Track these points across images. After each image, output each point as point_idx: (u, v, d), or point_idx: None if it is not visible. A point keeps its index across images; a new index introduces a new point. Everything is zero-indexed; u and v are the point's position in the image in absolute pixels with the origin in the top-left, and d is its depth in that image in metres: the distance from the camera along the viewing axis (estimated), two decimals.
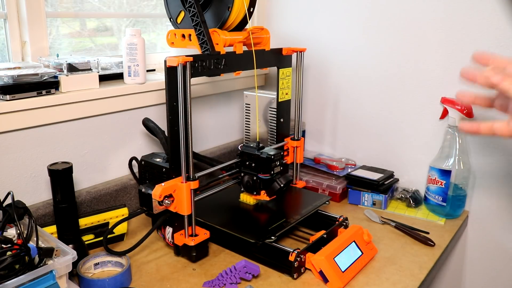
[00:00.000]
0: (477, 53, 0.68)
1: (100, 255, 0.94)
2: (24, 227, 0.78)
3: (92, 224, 1.00)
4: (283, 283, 0.90)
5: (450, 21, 1.18)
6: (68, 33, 1.20)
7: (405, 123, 1.32)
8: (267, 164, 1.01)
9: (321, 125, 1.51)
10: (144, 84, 1.17)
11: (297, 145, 1.24)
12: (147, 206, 0.94)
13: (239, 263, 0.89)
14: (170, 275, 0.93)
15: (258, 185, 1.05)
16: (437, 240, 1.07)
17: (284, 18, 1.51)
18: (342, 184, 1.30)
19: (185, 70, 0.88)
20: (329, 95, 1.46)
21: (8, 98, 0.91)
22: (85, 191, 1.08)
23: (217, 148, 1.45)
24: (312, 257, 0.91)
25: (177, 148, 0.93)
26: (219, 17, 1.02)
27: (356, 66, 1.38)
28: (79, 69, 1.03)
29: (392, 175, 1.31)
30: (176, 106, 0.91)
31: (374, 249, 1.02)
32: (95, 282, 0.86)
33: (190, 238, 0.95)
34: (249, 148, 1.05)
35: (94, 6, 1.23)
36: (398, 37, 1.28)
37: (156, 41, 1.42)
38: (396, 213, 1.23)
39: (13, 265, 0.70)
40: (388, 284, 0.91)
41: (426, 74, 1.25)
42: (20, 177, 0.99)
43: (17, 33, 1.04)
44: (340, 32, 1.39)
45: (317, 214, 1.10)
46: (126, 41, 1.12)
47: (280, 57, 1.17)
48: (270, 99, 1.24)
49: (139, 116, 1.18)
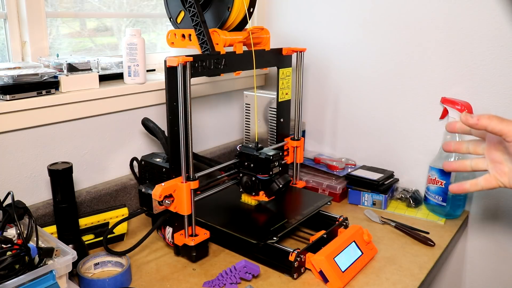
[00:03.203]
0: (448, 124, 0.73)
1: (100, 255, 0.94)
2: (24, 227, 0.78)
3: (92, 224, 1.00)
4: (283, 283, 0.90)
5: (450, 21, 1.18)
6: (68, 33, 1.20)
7: (405, 123, 1.32)
8: (266, 164, 1.01)
9: (321, 125, 1.51)
10: (144, 84, 1.17)
11: (297, 145, 1.24)
12: (147, 206, 0.94)
13: (239, 263, 0.89)
14: (170, 275, 0.93)
15: (257, 185, 1.05)
16: (437, 240, 1.07)
17: (284, 18, 1.51)
18: (342, 184, 1.30)
19: (185, 70, 0.88)
20: (329, 95, 1.46)
21: (8, 98, 0.91)
22: (85, 191, 1.08)
23: (217, 148, 1.45)
24: (312, 257, 0.91)
25: (177, 148, 0.93)
26: (219, 17, 1.02)
27: (356, 66, 1.38)
28: (79, 69, 1.03)
29: (392, 175, 1.31)
30: (176, 106, 0.91)
31: (374, 249, 1.02)
32: (95, 282, 0.86)
33: (190, 238, 0.95)
34: (248, 149, 1.05)
35: (94, 6, 1.23)
36: (398, 37, 1.28)
37: (156, 41, 1.42)
38: (396, 213, 1.23)
39: (13, 265, 0.70)
40: (388, 284, 0.91)
41: (426, 74, 1.25)
42: (20, 177, 0.99)
43: (17, 33, 1.04)
44: (340, 32, 1.39)
45: (317, 214, 1.09)
46: (126, 41, 1.12)
47: (280, 57, 1.17)
48: (270, 99, 1.24)
49: (139, 116, 1.18)
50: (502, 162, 0.70)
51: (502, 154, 0.70)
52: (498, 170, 0.70)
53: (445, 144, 0.77)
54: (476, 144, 0.74)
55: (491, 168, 0.71)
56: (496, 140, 0.70)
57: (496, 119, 0.64)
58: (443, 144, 0.77)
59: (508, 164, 0.69)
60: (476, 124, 0.66)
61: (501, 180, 0.70)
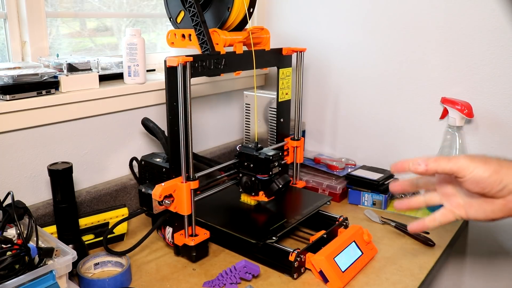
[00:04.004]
0: (393, 165, 0.69)
1: (100, 255, 0.94)
2: (24, 227, 0.78)
3: (92, 224, 1.00)
4: (283, 283, 0.90)
5: (450, 21, 1.18)
6: (68, 33, 1.20)
7: (405, 123, 1.32)
8: (266, 165, 1.01)
9: (321, 125, 1.51)
10: (144, 84, 1.17)
11: (297, 145, 1.24)
12: (147, 206, 0.94)
13: (239, 263, 0.89)
14: (170, 275, 0.93)
15: (256, 186, 1.04)
16: (437, 240, 1.07)
17: (284, 18, 1.51)
18: (342, 184, 1.30)
19: (185, 70, 0.88)
20: (329, 95, 1.46)
21: (8, 98, 0.91)
22: (85, 191, 1.08)
23: (217, 148, 1.45)
24: (312, 257, 0.91)
25: (177, 148, 0.93)
26: (219, 17, 1.02)
27: (356, 66, 1.38)
28: (79, 69, 1.03)
29: (392, 175, 1.31)
30: (176, 106, 0.91)
31: (374, 249, 1.02)
32: (95, 282, 0.86)
33: (190, 238, 0.95)
34: (248, 149, 1.05)
35: (94, 6, 1.23)
36: (398, 37, 1.28)
37: (156, 41, 1.42)
38: (396, 213, 1.23)
39: (13, 265, 0.70)
40: (388, 284, 0.91)
41: (426, 74, 1.25)
42: (20, 177, 0.99)
43: (17, 33, 1.04)
44: (340, 32, 1.39)
45: (317, 214, 1.09)
46: (126, 41, 1.12)
47: (280, 57, 1.17)
48: (270, 99, 1.24)
49: (139, 116, 1.18)
50: (455, 194, 0.69)
51: (454, 187, 0.69)
52: (452, 203, 0.70)
53: (392, 185, 0.74)
54: (426, 179, 0.74)
55: (445, 201, 0.71)
56: (445, 175, 0.70)
57: (443, 160, 0.64)
58: (389, 185, 0.74)
59: (462, 196, 0.69)
60: (426, 171, 0.64)
61: (457, 213, 0.69)
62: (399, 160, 0.68)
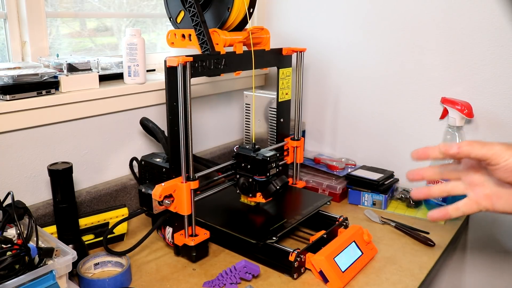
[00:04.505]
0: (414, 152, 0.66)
1: (100, 255, 0.94)
2: (24, 227, 0.78)
3: (92, 224, 1.00)
4: (283, 283, 0.90)
5: (450, 21, 1.18)
6: (68, 33, 1.20)
7: (405, 123, 1.32)
8: (263, 166, 1.01)
9: (321, 125, 1.51)
10: (144, 84, 1.17)
11: (297, 145, 1.24)
12: (147, 206, 0.94)
13: (239, 263, 0.89)
14: (170, 275, 0.93)
15: (253, 187, 1.04)
16: (437, 240, 1.07)
17: (284, 18, 1.51)
18: (342, 184, 1.30)
19: (185, 70, 0.88)
20: (329, 95, 1.46)
21: (8, 98, 0.91)
22: (85, 191, 1.08)
23: (217, 148, 1.45)
24: (312, 257, 0.91)
25: (177, 148, 0.93)
26: (219, 17, 1.02)
27: (356, 66, 1.38)
28: (79, 69, 1.03)
29: (392, 175, 1.31)
30: (176, 106, 0.91)
31: (374, 249, 1.02)
32: (95, 282, 0.86)
33: (190, 238, 0.95)
34: (245, 150, 1.05)
35: (94, 6, 1.23)
36: (398, 37, 1.28)
37: (156, 41, 1.42)
38: (396, 213, 1.23)
39: (13, 265, 0.70)
40: (388, 284, 0.91)
41: (426, 74, 1.25)
42: (20, 177, 0.99)
43: (17, 33, 1.04)
44: (340, 32, 1.39)
45: (317, 214, 1.09)
46: (126, 41, 1.12)
47: (280, 57, 1.17)
48: (270, 99, 1.24)
49: (139, 116, 1.18)
50: (483, 184, 0.66)
51: (482, 175, 0.66)
52: (478, 193, 0.66)
53: (410, 173, 0.69)
54: (452, 167, 0.70)
55: (469, 192, 0.67)
56: (473, 162, 0.66)
57: (477, 144, 0.61)
58: (407, 173, 0.69)
59: (491, 186, 0.65)
60: (457, 154, 0.61)
61: (483, 204, 0.65)
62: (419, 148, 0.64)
